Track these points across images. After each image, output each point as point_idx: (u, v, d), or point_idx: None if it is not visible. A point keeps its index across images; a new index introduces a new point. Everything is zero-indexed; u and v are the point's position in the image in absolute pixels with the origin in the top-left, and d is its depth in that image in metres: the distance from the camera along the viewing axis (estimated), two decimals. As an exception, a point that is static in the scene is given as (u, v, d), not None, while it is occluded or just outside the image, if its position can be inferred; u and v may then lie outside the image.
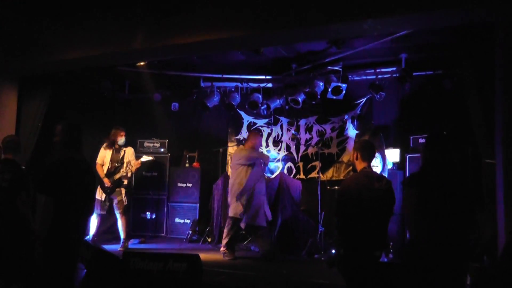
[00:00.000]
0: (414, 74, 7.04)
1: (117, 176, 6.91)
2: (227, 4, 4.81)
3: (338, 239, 3.90)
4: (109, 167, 6.92)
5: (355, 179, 3.91)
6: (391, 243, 6.50)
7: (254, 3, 4.75)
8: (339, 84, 7.36)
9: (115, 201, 6.93)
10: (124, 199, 7.03)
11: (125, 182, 7.05)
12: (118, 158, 7.01)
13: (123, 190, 7.03)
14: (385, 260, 5.90)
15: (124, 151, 7.09)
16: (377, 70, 7.53)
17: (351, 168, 7.20)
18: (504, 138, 4.12)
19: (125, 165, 6.93)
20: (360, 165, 3.93)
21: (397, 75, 7.24)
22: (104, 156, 7.00)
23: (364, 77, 7.80)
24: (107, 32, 5.51)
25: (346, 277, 3.76)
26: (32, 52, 6.04)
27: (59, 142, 3.80)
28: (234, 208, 6.51)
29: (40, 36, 6.00)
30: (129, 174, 7.16)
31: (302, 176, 8.42)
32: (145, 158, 7.27)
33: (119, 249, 6.69)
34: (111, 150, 7.04)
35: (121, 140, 7.12)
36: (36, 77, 6.65)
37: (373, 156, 4.01)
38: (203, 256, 4.75)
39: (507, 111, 4.13)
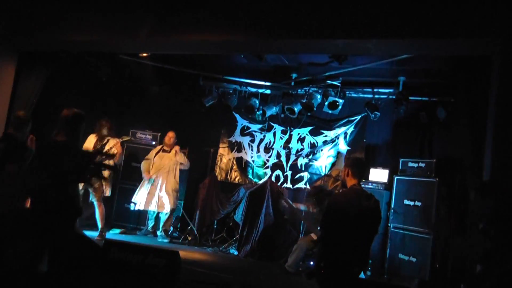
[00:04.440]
0: (410, 98, 7.12)
1: (98, 159, 6.82)
2: (233, 7, 4.83)
3: (320, 251, 3.94)
4: (92, 153, 6.86)
5: (345, 195, 3.96)
6: (370, 261, 6.58)
7: (261, 9, 4.76)
8: (337, 99, 7.43)
9: (92, 189, 6.88)
10: (103, 187, 6.98)
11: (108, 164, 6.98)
12: (100, 145, 6.97)
13: (105, 175, 6.97)
14: (363, 277, 5.95)
15: (108, 140, 7.05)
16: (375, 90, 7.60)
17: (339, 182, 7.25)
18: (492, 168, 4.18)
19: (106, 149, 6.88)
20: (350, 182, 3.98)
21: (394, 97, 7.31)
22: (87, 143, 6.98)
23: (362, 95, 7.87)
24: (112, 19, 5.49)
25: (323, 288, 3.80)
26: (34, 28, 5.98)
27: (59, 125, 3.92)
28: None
29: (44, 13, 5.95)
30: (110, 162, 7.11)
31: (289, 185, 8.47)
32: (124, 138, 7.33)
33: (96, 237, 6.66)
34: (96, 139, 7.04)
35: (105, 130, 7.11)
36: (36, 54, 6.59)
37: (363, 174, 4.07)
38: (182, 253, 4.76)
39: (498, 145, 4.20)
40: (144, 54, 7.38)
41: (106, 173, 6.96)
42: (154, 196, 7.60)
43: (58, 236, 3.92)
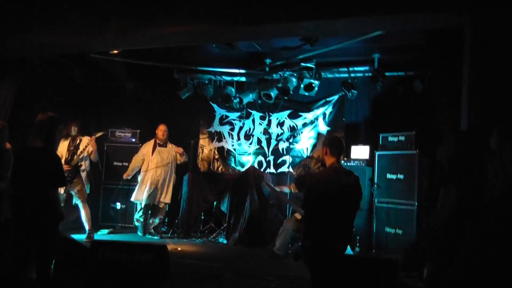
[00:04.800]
0: (386, 74, 7.18)
1: (74, 161, 6.79)
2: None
3: (304, 232, 3.98)
4: (67, 156, 6.79)
5: (324, 173, 4.00)
6: (358, 237, 6.67)
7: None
8: (312, 80, 7.46)
9: (75, 191, 6.85)
10: (85, 188, 6.95)
11: (83, 166, 6.94)
12: (74, 146, 6.91)
13: (83, 177, 6.95)
14: (351, 253, 6.04)
15: (81, 139, 6.97)
16: (350, 69, 7.63)
17: (320, 164, 7.31)
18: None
19: (80, 149, 6.83)
20: (329, 160, 4.01)
21: (370, 74, 7.37)
22: (61, 147, 6.88)
23: (337, 75, 7.91)
24: (78, 18, 5.41)
25: (311, 269, 3.85)
26: (1, 35, 5.88)
27: (34, 131, 3.90)
28: None
29: (11, 19, 5.84)
30: (86, 162, 7.08)
31: (272, 170, 8.51)
32: (97, 134, 7.11)
33: (84, 240, 6.63)
34: (68, 141, 6.96)
35: (74, 130, 7.00)
36: (7, 61, 6.48)
37: (342, 152, 4.11)
38: (170, 247, 4.78)
39: (472, 113, 4.27)
40: (115, 51, 7.28)
41: (84, 174, 6.94)
42: (155, 190, 7.51)
43: (42, 242, 3.90)
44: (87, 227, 6.94)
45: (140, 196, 7.49)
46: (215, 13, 4.71)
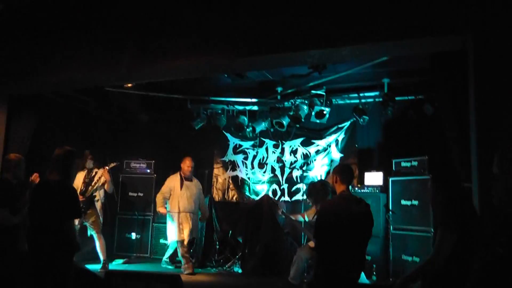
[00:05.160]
0: (396, 98, 7.19)
1: (89, 192, 6.87)
2: (208, 30, 4.92)
3: (317, 260, 3.96)
4: (81, 187, 6.88)
5: (334, 201, 3.99)
6: (374, 265, 6.57)
7: (233, 28, 4.84)
8: (323, 108, 7.51)
9: (89, 222, 6.91)
10: (99, 219, 7.00)
11: (97, 197, 6.99)
12: (89, 178, 7.00)
13: (97, 208, 7.00)
14: (367, 281, 5.94)
15: (96, 171, 7.06)
16: (361, 95, 7.67)
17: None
18: (478, 162, 4.22)
19: (94, 181, 6.92)
20: (339, 188, 4.01)
21: (380, 99, 7.39)
22: (77, 179, 6.96)
23: (348, 101, 7.95)
24: (94, 54, 5.59)
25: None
26: (19, 73, 6.08)
27: (51, 165, 4.03)
28: None
29: (30, 58, 6.06)
30: (101, 193, 7.12)
31: (287, 198, 8.50)
32: (111, 165, 7.17)
33: (99, 270, 6.66)
34: (84, 173, 7.07)
35: (89, 163, 7.09)
36: (25, 97, 6.69)
37: (352, 179, 4.11)
38: (185, 277, 4.77)
39: (480, 133, 4.25)
40: (129, 85, 7.47)
41: (98, 205, 7.02)
42: (186, 226, 7.21)
43: (58, 272, 3.96)
44: (102, 257, 6.98)
45: (181, 235, 7.15)
46: (221, 45, 4.82)
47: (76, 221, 6.60)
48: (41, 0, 5.05)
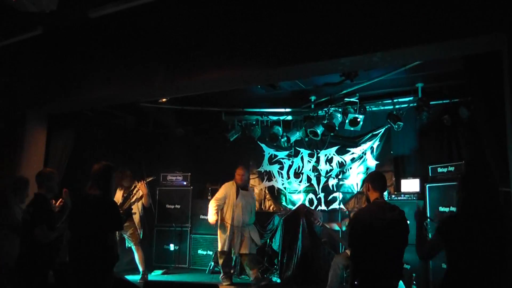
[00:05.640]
0: (431, 103, 7.06)
1: (126, 205, 6.98)
2: (238, 43, 5.00)
3: (352, 270, 3.93)
4: (120, 201, 6.98)
5: (367, 209, 3.96)
6: (414, 274, 6.43)
7: (260, 40, 4.91)
8: (357, 115, 7.46)
9: (127, 234, 7.06)
10: (137, 231, 7.13)
11: (134, 209, 7.06)
12: (127, 192, 7.14)
13: (135, 221, 7.13)
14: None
15: (135, 186, 7.14)
16: (394, 100, 7.58)
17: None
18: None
19: (133, 193, 7.03)
20: (372, 196, 3.99)
21: (415, 104, 7.27)
22: (117, 194, 7.11)
23: (382, 108, 7.86)
24: (128, 71, 5.78)
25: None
26: (58, 92, 6.36)
27: (91, 180, 4.15)
28: None
29: (65, 77, 6.34)
30: (139, 205, 7.21)
31: (323, 207, 8.45)
32: (148, 179, 7.21)
33: (138, 281, 6.80)
34: (122, 190, 7.22)
35: (126, 181, 7.21)
36: (63, 115, 6.95)
37: (385, 186, 4.07)
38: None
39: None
40: (164, 100, 7.65)
41: (136, 218, 7.17)
42: (237, 238, 7.05)
43: (98, 283, 4.07)
44: (141, 268, 7.11)
45: (226, 246, 7.02)
46: (253, 57, 4.89)
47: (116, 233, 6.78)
48: (77, 22, 5.24)
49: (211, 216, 7.07)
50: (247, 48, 5.01)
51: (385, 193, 5.86)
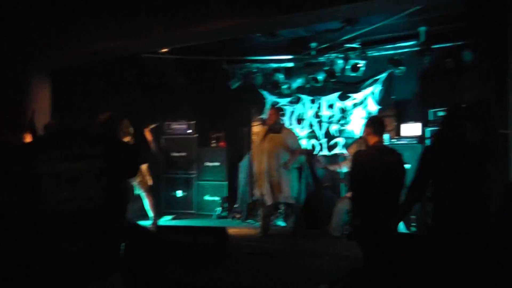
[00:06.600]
0: (433, 46, 7.04)
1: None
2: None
3: (353, 211, 4.12)
4: None
5: (366, 152, 4.11)
6: (413, 216, 6.65)
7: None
8: (358, 61, 7.47)
9: (136, 182, 7.22)
10: (145, 178, 7.21)
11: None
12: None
13: (143, 169, 7.19)
14: (406, 232, 6.07)
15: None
16: (396, 45, 7.55)
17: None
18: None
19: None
20: (372, 140, 4.12)
21: (417, 48, 7.25)
22: None
23: (383, 53, 7.83)
24: (128, 23, 5.79)
25: (362, 248, 3.97)
26: (58, 46, 6.38)
27: (96, 129, 4.19)
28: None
29: (64, 30, 6.33)
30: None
31: (325, 152, 8.61)
32: (151, 126, 7.14)
33: (149, 226, 7.06)
34: (128, 139, 7.31)
35: (130, 130, 7.30)
36: (65, 70, 6.99)
37: (383, 130, 4.19)
38: (231, 230, 5.08)
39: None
40: (164, 50, 7.64)
41: (144, 166, 7.31)
42: (262, 185, 6.70)
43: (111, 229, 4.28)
44: (151, 214, 7.33)
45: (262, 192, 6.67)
46: (252, 6, 4.89)
47: None
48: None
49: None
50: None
51: (386, 137, 5.99)
